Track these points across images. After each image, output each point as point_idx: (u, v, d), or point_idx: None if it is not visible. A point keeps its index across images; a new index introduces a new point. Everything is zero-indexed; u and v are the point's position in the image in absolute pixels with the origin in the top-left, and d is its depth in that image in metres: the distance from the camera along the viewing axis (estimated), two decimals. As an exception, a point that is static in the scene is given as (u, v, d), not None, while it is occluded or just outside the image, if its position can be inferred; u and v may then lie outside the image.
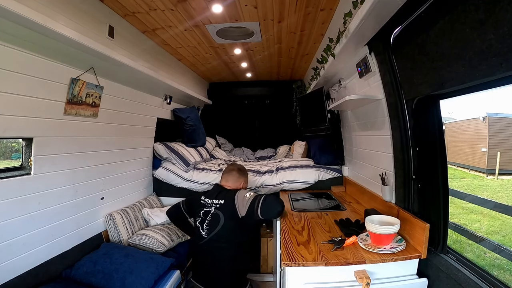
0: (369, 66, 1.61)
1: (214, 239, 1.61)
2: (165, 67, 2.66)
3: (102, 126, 1.89)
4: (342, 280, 1.24)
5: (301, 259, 1.24)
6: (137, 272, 1.56)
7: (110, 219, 1.98)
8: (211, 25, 2.06)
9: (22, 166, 1.41)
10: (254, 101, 4.32)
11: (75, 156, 1.70)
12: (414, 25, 1.17)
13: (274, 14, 1.90)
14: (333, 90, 2.49)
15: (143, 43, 2.20)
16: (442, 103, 1.26)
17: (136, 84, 2.15)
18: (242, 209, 1.60)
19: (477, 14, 0.84)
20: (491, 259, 2.74)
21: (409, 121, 1.42)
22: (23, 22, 1.11)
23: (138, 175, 2.48)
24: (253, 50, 2.68)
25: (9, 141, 1.58)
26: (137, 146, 2.43)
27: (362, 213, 1.73)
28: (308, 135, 3.30)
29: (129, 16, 1.87)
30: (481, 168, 5.32)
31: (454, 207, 4.13)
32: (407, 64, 1.32)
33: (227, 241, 1.61)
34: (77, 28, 1.45)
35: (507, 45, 0.77)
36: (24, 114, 1.33)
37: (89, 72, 1.64)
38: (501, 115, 5.07)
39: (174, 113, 3.01)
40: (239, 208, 1.61)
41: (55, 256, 1.56)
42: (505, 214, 3.35)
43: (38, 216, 1.46)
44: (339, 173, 2.62)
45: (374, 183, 1.88)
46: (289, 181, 2.55)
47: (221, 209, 1.65)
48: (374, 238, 1.31)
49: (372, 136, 1.89)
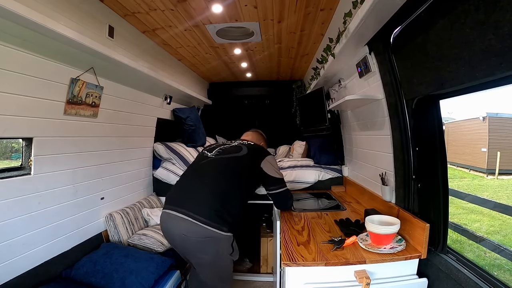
0: (369, 66, 1.61)
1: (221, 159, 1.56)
2: (165, 67, 2.66)
3: (102, 126, 1.89)
4: (342, 280, 1.24)
5: (301, 259, 1.24)
6: (137, 272, 1.56)
7: (110, 219, 1.98)
8: (211, 25, 2.06)
9: (22, 166, 1.41)
10: (254, 101, 4.32)
11: (75, 156, 1.70)
12: (414, 25, 1.17)
13: (274, 14, 1.89)
14: (333, 90, 2.49)
15: (143, 43, 2.20)
16: (442, 103, 1.27)
17: (136, 84, 2.15)
18: (266, 167, 1.58)
19: (477, 14, 0.84)
20: (491, 259, 2.74)
21: (409, 121, 1.42)
22: (23, 22, 1.11)
23: (138, 175, 2.48)
24: (253, 50, 2.68)
25: (9, 141, 1.58)
26: (137, 146, 2.43)
27: (362, 213, 1.73)
28: (308, 135, 3.31)
29: (129, 16, 1.87)
30: (481, 168, 5.32)
31: (454, 207, 4.13)
32: (407, 64, 1.32)
33: (233, 173, 1.52)
34: (77, 28, 1.45)
35: (507, 45, 0.77)
36: (24, 114, 1.33)
37: (89, 72, 1.63)
38: (501, 115, 5.06)
39: (174, 113, 3.01)
40: (264, 164, 1.58)
41: (55, 256, 1.56)
42: (505, 214, 3.35)
43: (38, 216, 1.46)
44: (339, 173, 2.62)
45: (374, 183, 1.88)
46: (289, 181, 2.55)
47: (247, 145, 1.65)
48: (374, 238, 1.31)
49: (372, 136, 1.89)
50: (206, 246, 1.38)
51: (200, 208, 1.38)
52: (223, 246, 1.42)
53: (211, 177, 1.50)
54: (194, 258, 1.46)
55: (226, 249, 1.44)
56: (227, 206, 1.41)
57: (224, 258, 1.45)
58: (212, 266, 1.45)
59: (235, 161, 1.58)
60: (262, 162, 1.59)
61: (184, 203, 1.41)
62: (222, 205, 1.40)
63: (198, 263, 1.46)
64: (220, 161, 1.58)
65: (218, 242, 1.39)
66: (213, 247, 1.39)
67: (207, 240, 1.37)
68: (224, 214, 1.39)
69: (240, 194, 1.53)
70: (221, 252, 1.43)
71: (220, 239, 1.38)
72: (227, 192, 1.46)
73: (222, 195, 1.43)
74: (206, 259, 1.41)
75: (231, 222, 1.41)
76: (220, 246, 1.41)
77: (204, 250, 1.39)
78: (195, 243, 1.38)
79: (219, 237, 1.37)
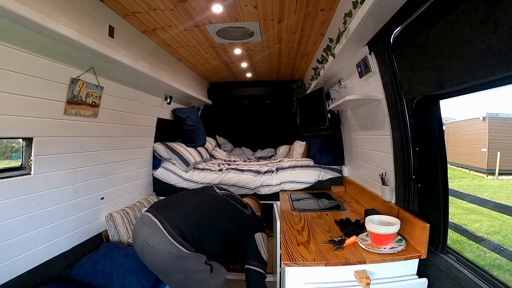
0: (369, 66, 1.61)
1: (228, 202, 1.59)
2: (165, 67, 2.66)
3: (102, 126, 1.89)
4: (342, 280, 1.24)
5: (301, 259, 1.24)
6: (137, 272, 1.56)
7: (110, 219, 1.98)
8: (211, 25, 2.06)
9: (22, 166, 1.41)
10: (254, 101, 4.33)
11: (75, 156, 1.70)
12: (414, 25, 1.17)
13: (274, 14, 1.90)
14: (333, 90, 2.49)
15: (143, 43, 2.20)
16: (442, 103, 1.26)
17: (136, 84, 2.15)
18: (258, 240, 1.56)
19: (477, 14, 0.84)
20: (491, 259, 2.74)
21: (409, 121, 1.42)
22: (23, 22, 1.11)
23: (138, 175, 2.48)
24: (253, 50, 2.68)
25: (9, 141, 1.57)
26: (137, 146, 2.43)
27: (362, 213, 1.73)
28: (308, 135, 3.31)
29: (129, 16, 1.87)
30: (481, 168, 5.32)
31: (454, 207, 4.13)
32: (407, 64, 1.32)
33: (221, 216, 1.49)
34: (77, 28, 1.45)
35: (507, 45, 0.77)
36: (24, 114, 1.33)
37: (89, 72, 1.64)
38: (501, 115, 5.06)
39: (174, 113, 3.01)
40: (258, 237, 1.56)
41: (55, 256, 1.56)
42: (505, 214, 3.34)
43: (38, 216, 1.46)
44: (339, 173, 2.62)
45: (374, 183, 1.88)
46: (289, 181, 2.55)
47: (252, 210, 1.69)
48: (374, 238, 1.31)
49: (372, 136, 1.89)
50: (170, 263, 1.27)
51: (179, 220, 1.33)
52: (188, 264, 1.28)
53: (210, 207, 1.52)
54: (162, 277, 1.37)
55: (196, 269, 1.30)
56: (204, 241, 1.34)
57: (199, 280, 1.31)
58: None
59: (239, 213, 1.61)
60: (257, 234, 1.59)
61: (165, 211, 1.37)
62: (199, 237, 1.33)
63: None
64: (227, 203, 1.62)
65: (180, 260, 1.27)
66: (176, 264, 1.27)
67: (171, 257, 1.26)
68: (196, 245, 1.31)
69: (226, 242, 1.45)
70: (189, 272, 1.29)
71: (183, 256, 1.27)
72: (214, 231, 1.40)
73: (206, 229, 1.38)
74: (173, 279, 1.30)
75: (199, 251, 1.32)
76: (184, 263, 1.28)
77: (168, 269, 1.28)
78: (157, 257, 1.28)
79: (182, 254, 1.26)
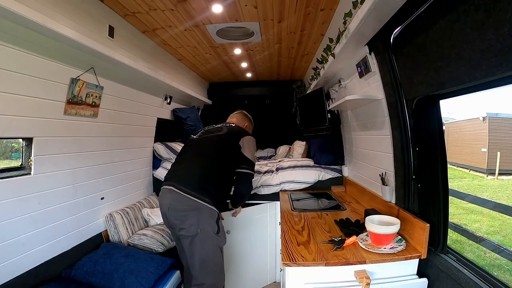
0: (369, 66, 1.61)
1: (203, 138, 1.76)
2: (165, 67, 2.66)
3: (102, 126, 1.89)
4: (342, 280, 1.24)
5: (301, 259, 1.24)
6: (137, 272, 1.56)
7: (110, 219, 1.98)
8: (211, 25, 2.06)
9: (22, 166, 1.41)
10: (254, 101, 4.32)
11: (75, 156, 1.70)
12: (414, 25, 1.17)
13: (274, 14, 1.90)
14: (333, 90, 2.49)
15: (143, 43, 2.20)
16: (442, 103, 1.26)
17: (136, 84, 2.15)
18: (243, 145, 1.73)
19: (477, 14, 0.84)
20: (491, 259, 2.74)
21: (409, 121, 1.42)
22: (23, 22, 1.11)
23: (138, 175, 2.48)
24: (253, 50, 2.68)
25: (9, 141, 1.57)
26: (137, 146, 2.43)
27: (362, 213, 1.73)
28: (308, 135, 3.31)
29: (129, 16, 1.87)
30: (481, 168, 5.32)
31: (454, 207, 4.13)
32: (407, 64, 1.32)
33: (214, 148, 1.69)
34: (77, 28, 1.45)
35: (507, 45, 0.77)
36: (24, 114, 1.33)
37: (89, 72, 1.64)
38: (501, 115, 5.07)
39: (174, 113, 3.01)
40: (242, 142, 1.73)
41: (55, 256, 1.56)
42: (505, 214, 3.35)
43: (38, 216, 1.46)
44: (339, 173, 2.62)
45: (374, 183, 1.88)
46: (289, 181, 2.55)
47: (228, 127, 1.83)
48: (374, 238, 1.31)
49: (372, 136, 1.89)
50: (188, 215, 1.48)
51: (186, 180, 1.53)
52: (204, 216, 1.49)
53: (193, 155, 1.69)
54: (179, 231, 1.52)
55: (208, 223, 1.50)
56: (210, 180, 1.57)
57: (208, 235, 1.50)
58: (197, 245, 1.48)
59: (215, 139, 1.74)
60: (241, 140, 1.74)
61: (173, 178, 1.58)
62: (206, 179, 1.56)
63: (183, 240, 1.51)
64: (202, 141, 1.76)
65: (199, 212, 1.48)
66: (194, 216, 1.47)
67: (189, 209, 1.47)
68: (207, 187, 1.53)
69: (221, 169, 1.65)
70: (204, 225, 1.48)
71: (201, 208, 1.48)
72: (209, 167, 1.61)
73: (205, 169, 1.59)
74: (189, 231, 1.47)
75: (213, 195, 1.53)
76: (201, 216, 1.49)
77: (186, 220, 1.48)
78: (178, 212, 1.49)
79: (200, 206, 1.48)
